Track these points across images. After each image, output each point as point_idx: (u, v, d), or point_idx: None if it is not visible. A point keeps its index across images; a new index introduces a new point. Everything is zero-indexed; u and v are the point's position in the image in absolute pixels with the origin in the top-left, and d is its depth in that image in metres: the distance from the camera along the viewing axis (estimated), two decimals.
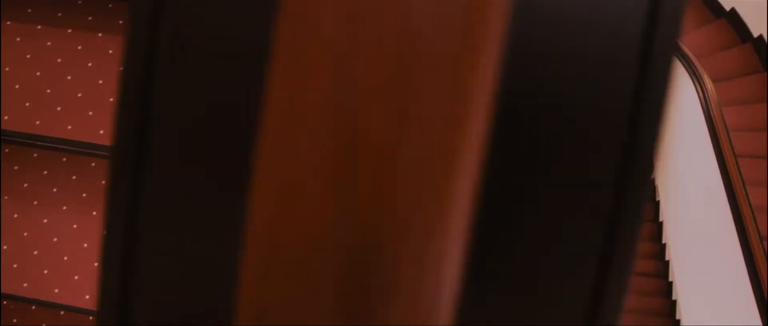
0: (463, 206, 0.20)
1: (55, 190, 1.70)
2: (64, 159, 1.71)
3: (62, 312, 1.72)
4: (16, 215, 1.69)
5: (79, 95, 1.63)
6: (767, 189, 3.13)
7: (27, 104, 1.64)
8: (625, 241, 0.30)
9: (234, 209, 0.24)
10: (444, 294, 0.20)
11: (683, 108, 3.50)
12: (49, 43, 1.65)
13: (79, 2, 1.65)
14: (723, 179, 2.98)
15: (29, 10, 1.65)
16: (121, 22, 1.63)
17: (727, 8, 3.76)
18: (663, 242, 3.92)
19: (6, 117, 1.62)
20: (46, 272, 1.67)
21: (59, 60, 1.64)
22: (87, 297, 1.64)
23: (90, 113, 1.62)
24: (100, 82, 1.63)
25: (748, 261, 2.74)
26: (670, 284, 3.79)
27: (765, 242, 2.80)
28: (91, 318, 1.65)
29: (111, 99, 1.58)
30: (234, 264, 0.21)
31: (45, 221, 1.69)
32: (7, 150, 1.70)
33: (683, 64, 3.40)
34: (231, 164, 0.30)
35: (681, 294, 3.56)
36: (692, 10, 3.75)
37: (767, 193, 3.11)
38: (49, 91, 1.63)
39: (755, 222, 2.82)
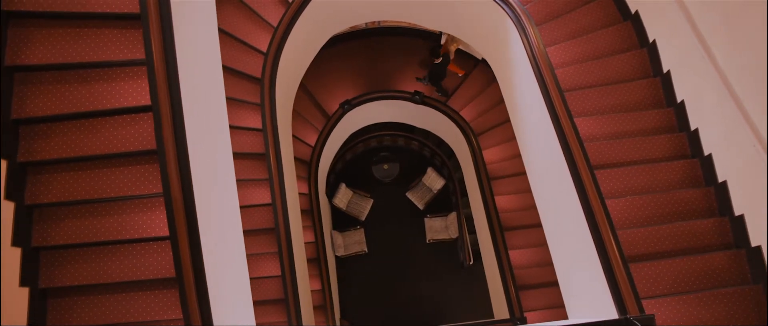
0: None
1: None
2: None
3: None
4: None
5: None
6: (599, 120, 3.20)
7: None
8: None
9: None
10: None
11: (513, 55, 3.55)
12: None
13: None
14: (550, 114, 3.02)
15: None
16: None
17: None
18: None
19: None
20: None
21: None
22: None
23: None
24: None
25: (577, 185, 2.77)
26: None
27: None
28: None
29: None
30: None
31: None
32: None
33: (507, 12, 3.44)
34: None
35: (548, 239, 3.60)
36: None
37: (597, 124, 3.19)
38: None
39: (583, 151, 2.86)
